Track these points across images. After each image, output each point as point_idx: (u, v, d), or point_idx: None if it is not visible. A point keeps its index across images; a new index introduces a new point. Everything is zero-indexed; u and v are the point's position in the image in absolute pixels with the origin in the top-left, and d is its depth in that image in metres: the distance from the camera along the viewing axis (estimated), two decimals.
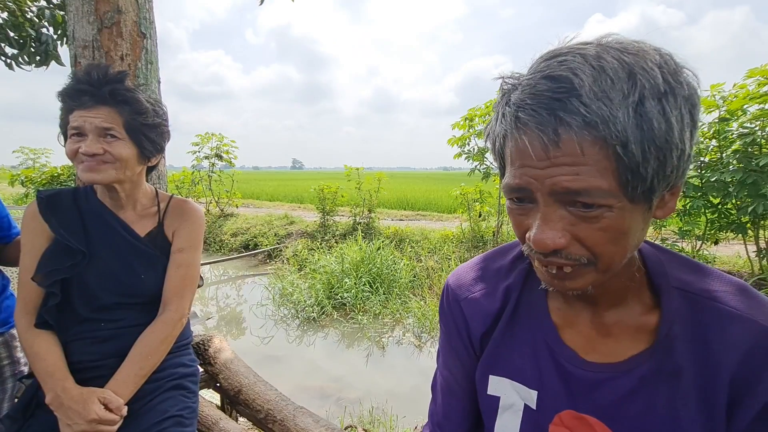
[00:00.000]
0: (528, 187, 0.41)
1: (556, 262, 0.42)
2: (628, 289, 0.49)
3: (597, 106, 0.35)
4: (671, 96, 0.37)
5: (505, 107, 0.41)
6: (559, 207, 0.40)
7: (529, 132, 0.39)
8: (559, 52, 0.39)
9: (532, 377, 0.53)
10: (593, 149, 0.37)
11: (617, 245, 0.41)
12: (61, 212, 0.96)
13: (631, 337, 0.48)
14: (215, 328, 4.48)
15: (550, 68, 0.38)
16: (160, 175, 1.32)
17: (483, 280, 0.60)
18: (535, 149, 0.39)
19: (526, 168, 0.40)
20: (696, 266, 0.49)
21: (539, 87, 0.38)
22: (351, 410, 2.77)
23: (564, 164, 0.38)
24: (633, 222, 0.40)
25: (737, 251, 4.62)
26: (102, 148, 0.89)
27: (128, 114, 0.91)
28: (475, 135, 5.59)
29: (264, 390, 1.29)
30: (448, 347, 0.63)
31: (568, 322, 0.53)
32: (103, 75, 0.89)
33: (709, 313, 0.45)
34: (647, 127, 0.36)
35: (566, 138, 0.37)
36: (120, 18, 1.17)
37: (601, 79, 0.36)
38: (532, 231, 0.42)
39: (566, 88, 0.37)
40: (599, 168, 0.37)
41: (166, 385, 0.99)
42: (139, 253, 0.99)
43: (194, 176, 9.00)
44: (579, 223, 0.40)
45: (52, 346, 0.92)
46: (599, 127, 0.36)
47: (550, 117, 0.37)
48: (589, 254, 0.41)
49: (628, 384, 0.46)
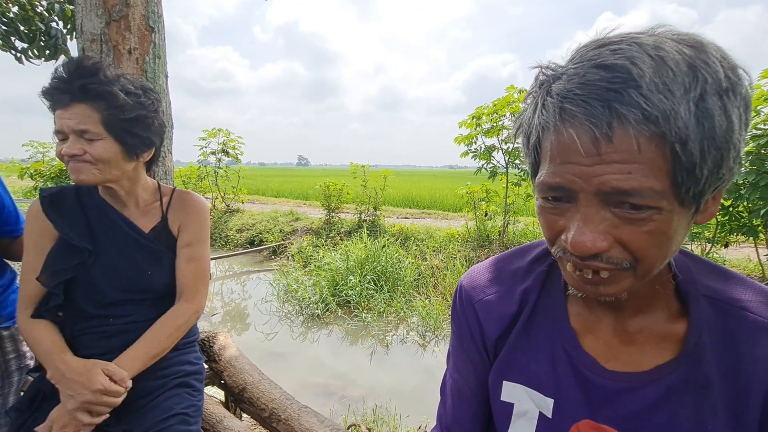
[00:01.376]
0: (570, 186, 0.38)
1: (593, 266, 0.39)
2: (656, 296, 0.47)
3: (658, 99, 0.33)
4: (732, 93, 0.34)
5: (546, 97, 0.38)
6: (602, 208, 0.37)
7: (577, 125, 0.36)
8: (609, 40, 0.36)
9: (549, 384, 0.51)
10: (650, 146, 0.34)
11: (660, 250, 0.38)
12: (64, 210, 0.95)
13: (655, 346, 0.46)
14: (220, 324, 4.50)
15: (602, 57, 0.35)
16: (167, 170, 1.31)
17: (499, 282, 0.58)
18: (584, 144, 0.35)
19: (570, 165, 0.37)
20: (725, 273, 0.47)
21: (590, 76, 0.35)
22: (354, 408, 2.77)
23: (615, 161, 0.35)
24: (679, 226, 0.38)
25: (748, 254, 4.55)
26: (81, 148, 0.85)
27: (105, 110, 0.86)
28: (483, 133, 5.55)
29: (268, 388, 1.28)
30: (459, 350, 0.61)
31: (589, 328, 0.50)
32: (75, 69, 0.84)
33: (741, 323, 0.43)
34: (708, 125, 0.33)
35: (621, 133, 0.34)
36: (128, 11, 1.16)
37: (662, 70, 0.33)
38: (569, 233, 0.39)
39: (623, 78, 0.34)
40: (653, 167, 0.34)
41: (172, 382, 0.98)
42: (144, 249, 0.98)
43: (200, 172, 9.04)
44: (623, 226, 0.37)
45: (49, 331, 0.91)
46: (660, 122, 0.33)
47: (604, 109, 0.34)
48: (631, 258, 0.38)
49: (652, 395, 0.44)
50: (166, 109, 1.31)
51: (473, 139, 5.71)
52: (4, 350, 1.16)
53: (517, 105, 5.18)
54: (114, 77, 0.88)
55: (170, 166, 1.33)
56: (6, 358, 1.16)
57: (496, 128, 5.34)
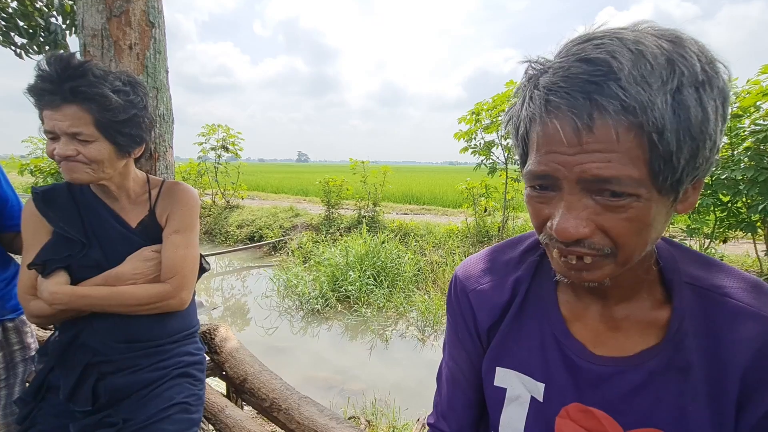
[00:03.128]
0: (554, 174, 0.40)
1: (577, 252, 0.41)
2: (640, 284, 0.48)
3: (636, 91, 0.34)
4: (708, 86, 0.36)
5: (534, 90, 0.40)
6: (585, 195, 0.39)
7: (560, 116, 0.38)
8: (593, 35, 0.38)
9: (540, 369, 0.53)
10: (628, 136, 0.36)
11: (640, 237, 0.40)
12: (57, 205, 0.97)
13: (640, 332, 0.48)
14: (221, 319, 4.53)
15: (586, 51, 0.37)
16: (168, 165, 1.32)
17: (492, 272, 0.59)
18: (567, 134, 0.37)
19: (554, 154, 0.39)
20: (708, 261, 0.49)
21: (573, 69, 0.37)
22: (354, 402, 2.80)
23: (596, 150, 0.37)
24: (658, 214, 0.39)
25: (746, 250, 4.56)
26: (75, 149, 0.86)
27: (97, 112, 0.86)
28: (482, 129, 5.55)
29: (269, 379, 1.31)
30: (454, 338, 0.63)
31: (577, 315, 0.52)
32: (63, 69, 0.83)
33: (721, 308, 0.44)
34: (684, 116, 0.35)
35: (601, 123, 0.36)
36: (129, 7, 1.17)
37: (641, 63, 0.35)
38: (554, 219, 0.41)
39: (603, 71, 0.35)
40: (631, 156, 0.36)
41: (173, 372, 0.99)
42: (130, 244, 0.98)
43: (200, 167, 9.04)
44: (604, 213, 0.39)
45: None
46: (637, 112, 0.35)
47: (585, 101, 0.36)
48: (612, 244, 0.40)
49: (636, 378, 0.46)
50: (167, 103, 1.32)
51: (473, 135, 5.71)
52: (9, 342, 1.18)
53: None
54: (102, 76, 0.88)
55: (171, 161, 1.34)
56: (11, 350, 1.18)
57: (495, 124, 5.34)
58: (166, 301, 0.96)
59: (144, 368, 0.96)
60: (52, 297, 0.88)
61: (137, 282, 0.95)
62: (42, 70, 0.84)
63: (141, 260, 0.96)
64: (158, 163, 1.28)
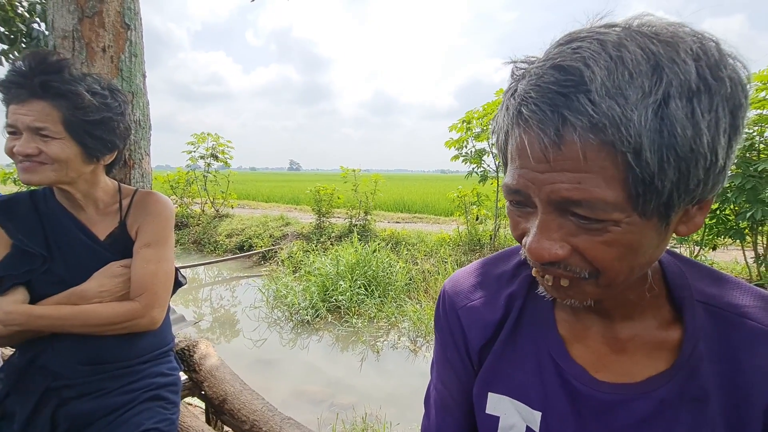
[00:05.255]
0: (525, 191, 0.36)
1: (553, 272, 0.38)
2: (644, 302, 0.44)
3: (607, 106, 0.30)
4: (705, 95, 0.31)
5: (510, 98, 0.36)
6: (560, 214, 0.35)
7: (529, 130, 0.34)
8: (576, 35, 0.34)
9: (536, 396, 0.48)
10: (599, 155, 0.31)
11: (623, 262, 0.36)
12: (18, 217, 0.90)
13: (648, 355, 0.43)
14: (208, 330, 4.41)
15: (562, 56, 0.33)
16: (144, 173, 1.26)
17: (483, 287, 0.55)
18: (534, 151, 0.34)
19: (525, 170, 0.36)
20: (720, 277, 0.44)
21: (546, 78, 0.33)
22: (344, 417, 2.71)
23: (565, 170, 0.33)
24: (644, 238, 0.35)
25: (735, 257, 4.60)
26: (36, 147, 0.80)
27: (66, 110, 0.80)
28: (473, 137, 5.57)
29: (250, 399, 1.24)
30: (443, 359, 0.58)
31: (577, 335, 0.48)
32: (37, 64, 0.79)
33: (739, 330, 0.40)
34: (668, 133, 0.30)
35: (569, 140, 0.32)
36: (102, 7, 1.12)
37: (618, 72, 0.30)
38: (528, 237, 0.37)
39: (574, 81, 0.31)
40: (605, 176, 0.32)
41: (142, 396, 0.92)
42: (98, 258, 0.92)
43: (189, 176, 8.93)
44: (580, 234, 0.35)
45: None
46: (607, 130, 0.30)
47: (554, 115, 0.32)
48: (591, 268, 0.36)
49: (645, 407, 0.41)
50: (144, 109, 1.26)
51: (464, 143, 5.72)
52: None
53: None
54: (80, 76, 0.84)
55: (148, 169, 1.28)
56: None
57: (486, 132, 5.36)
58: (135, 320, 0.89)
59: (110, 392, 0.89)
60: (6, 317, 0.80)
61: (104, 300, 0.88)
62: (16, 64, 0.79)
63: (108, 276, 0.90)
64: (133, 171, 1.22)
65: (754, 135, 3.38)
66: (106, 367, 0.91)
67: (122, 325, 0.88)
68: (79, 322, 0.85)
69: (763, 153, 3.36)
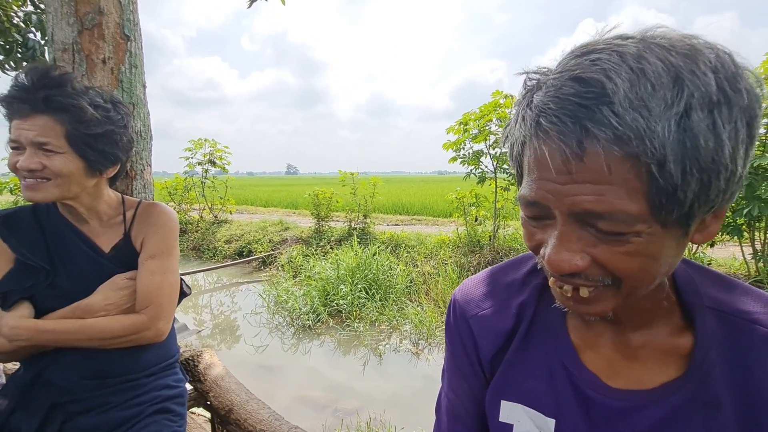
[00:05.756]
0: (544, 203, 0.36)
1: (572, 283, 0.38)
2: (658, 308, 0.44)
3: (632, 118, 0.30)
4: (725, 107, 0.31)
5: (527, 109, 0.36)
6: (579, 226, 0.35)
7: (549, 142, 0.34)
8: (593, 47, 0.34)
9: (549, 403, 0.48)
10: (622, 167, 0.31)
11: (645, 271, 0.36)
12: (20, 231, 0.89)
13: (660, 362, 0.43)
14: (209, 337, 4.39)
15: (581, 68, 0.33)
16: (146, 183, 1.26)
17: (494, 296, 0.55)
18: (555, 162, 0.34)
19: (544, 181, 0.35)
20: (730, 283, 0.45)
21: (565, 90, 0.33)
22: (348, 422, 2.70)
23: (587, 182, 0.33)
24: (665, 248, 0.35)
25: (733, 253, 4.62)
26: (40, 162, 0.80)
27: (69, 124, 0.80)
28: (470, 139, 5.57)
29: (256, 408, 1.23)
30: (454, 368, 0.58)
31: (589, 343, 0.48)
32: (39, 79, 0.79)
33: (750, 337, 0.40)
34: (691, 144, 0.30)
35: (592, 152, 0.32)
36: (102, 20, 1.12)
37: (640, 84, 0.30)
38: (546, 249, 0.37)
39: (596, 93, 0.31)
40: (628, 188, 0.32)
41: (149, 409, 0.92)
42: (102, 271, 0.91)
43: (187, 183, 8.91)
44: (600, 245, 0.35)
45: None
46: (632, 142, 0.30)
47: (575, 126, 0.32)
48: (612, 277, 0.36)
49: (658, 414, 0.42)
50: (145, 119, 1.26)
51: (461, 145, 5.72)
52: None
53: (503, 110, 5.22)
54: (82, 90, 0.84)
55: (149, 179, 1.28)
56: None
57: (483, 133, 5.37)
58: (141, 333, 0.89)
59: (116, 406, 0.88)
60: (12, 332, 0.80)
61: (110, 313, 0.87)
62: (18, 79, 0.79)
63: (114, 289, 0.89)
64: (135, 182, 1.22)
65: None
66: (112, 381, 0.90)
67: (128, 338, 0.88)
68: (84, 336, 0.84)
69: (759, 149, 3.38)
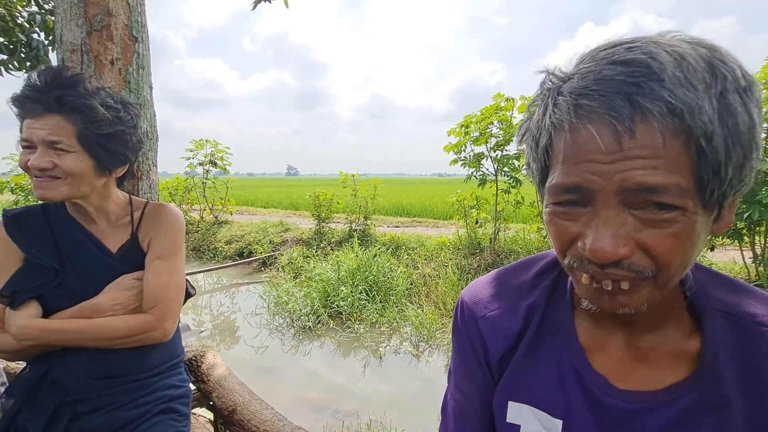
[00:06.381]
0: (588, 186, 0.36)
1: (614, 275, 0.36)
2: (669, 310, 0.45)
3: (682, 92, 0.31)
4: (750, 92, 0.34)
5: (558, 97, 0.37)
6: (622, 210, 0.35)
7: (596, 120, 0.34)
8: (621, 41, 0.35)
9: (557, 405, 0.48)
10: (675, 142, 0.33)
11: (684, 257, 0.36)
12: (30, 230, 0.90)
13: (669, 364, 0.44)
14: (209, 338, 4.38)
15: (618, 54, 0.34)
16: (152, 184, 1.26)
17: (502, 297, 0.55)
18: (605, 139, 0.34)
19: (587, 163, 0.35)
20: (738, 286, 0.45)
21: (607, 72, 0.34)
22: (348, 424, 2.70)
23: (638, 157, 0.33)
24: (701, 231, 0.36)
25: (733, 257, 4.63)
26: (51, 161, 0.80)
27: (81, 123, 0.81)
28: (471, 141, 5.59)
29: (259, 409, 1.23)
30: (462, 368, 0.58)
31: (598, 344, 0.48)
32: (52, 79, 0.80)
33: (758, 339, 0.41)
34: (732, 122, 0.32)
35: (644, 128, 0.33)
36: (110, 21, 1.13)
37: (682, 65, 0.32)
38: (587, 239, 0.36)
39: (643, 72, 0.32)
40: (678, 164, 0.33)
41: (154, 409, 0.92)
42: (110, 271, 0.92)
43: (188, 183, 8.91)
44: (646, 229, 0.35)
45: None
46: (685, 116, 0.32)
47: (625, 102, 0.33)
48: (654, 266, 0.36)
49: (668, 416, 0.42)
50: (151, 120, 1.27)
51: (462, 148, 5.74)
52: None
53: (504, 113, 5.23)
54: (94, 90, 0.84)
55: (155, 180, 1.28)
56: None
57: (484, 136, 5.38)
58: (148, 333, 0.89)
59: (122, 406, 0.89)
60: (20, 332, 0.80)
61: (117, 313, 0.88)
62: (31, 79, 0.80)
63: (121, 289, 0.90)
64: (141, 182, 1.23)
65: None
66: (118, 381, 0.91)
67: (135, 338, 0.88)
68: (92, 336, 0.85)
69: None
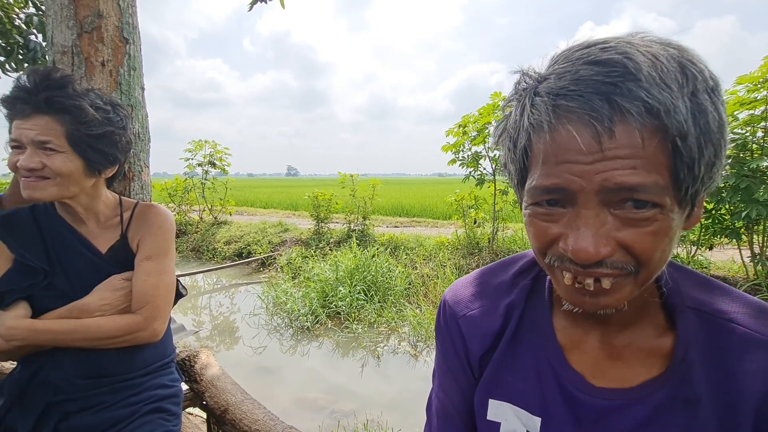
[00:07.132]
0: (569, 187, 0.36)
1: (596, 273, 0.37)
2: (644, 308, 0.45)
3: (658, 92, 0.32)
4: (718, 92, 0.34)
5: (534, 98, 0.37)
6: (602, 210, 0.36)
7: (575, 120, 0.34)
8: (595, 42, 0.36)
9: (536, 402, 0.49)
10: (653, 141, 0.33)
11: (663, 253, 0.37)
12: (19, 231, 0.90)
13: (642, 362, 0.44)
14: (208, 338, 4.39)
15: (593, 54, 0.34)
16: (144, 185, 1.27)
17: (482, 297, 0.56)
18: (585, 140, 0.34)
19: (567, 164, 0.35)
20: (711, 284, 0.46)
21: (584, 72, 0.34)
22: (345, 424, 2.70)
23: (618, 157, 0.33)
24: (677, 228, 0.37)
25: (731, 256, 4.62)
26: (40, 162, 0.81)
27: (70, 124, 0.82)
28: (469, 141, 5.59)
29: (251, 409, 1.23)
30: (444, 368, 0.59)
31: (575, 343, 0.49)
32: (41, 80, 0.80)
33: (728, 336, 0.41)
34: (703, 121, 0.33)
35: (623, 127, 0.33)
36: (101, 23, 1.13)
37: (657, 65, 0.33)
38: (569, 239, 0.36)
39: (620, 72, 0.33)
40: (655, 162, 0.34)
41: (144, 408, 0.92)
42: (99, 271, 0.92)
43: (187, 184, 8.92)
44: (625, 228, 0.35)
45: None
46: (662, 115, 0.32)
47: (604, 103, 0.33)
48: (635, 262, 0.36)
49: (641, 412, 0.42)
50: (143, 121, 1.27)
51: (460, 147, 5.74)
52: None
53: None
54: (83, 91, 0.85)
55: (147, 180, 1.29)
56: None
57: (482, 135, 5.39)
58: (137, 333, 0.89)
59: (111, 405, 0.89)
60: (8, 332, 0.81)
61: (106, 313, 0.88)
62: (20, 81, 0.81)
63: (110, 290, 0.90)
64: (133, 183, 1.23)
65: (747, 135, 3.42)
66: (107, 380, 0.91)
67: (124, 338, 0.88)
68: (81, 336, 0.85)
69: (756, 152, 3.39)
